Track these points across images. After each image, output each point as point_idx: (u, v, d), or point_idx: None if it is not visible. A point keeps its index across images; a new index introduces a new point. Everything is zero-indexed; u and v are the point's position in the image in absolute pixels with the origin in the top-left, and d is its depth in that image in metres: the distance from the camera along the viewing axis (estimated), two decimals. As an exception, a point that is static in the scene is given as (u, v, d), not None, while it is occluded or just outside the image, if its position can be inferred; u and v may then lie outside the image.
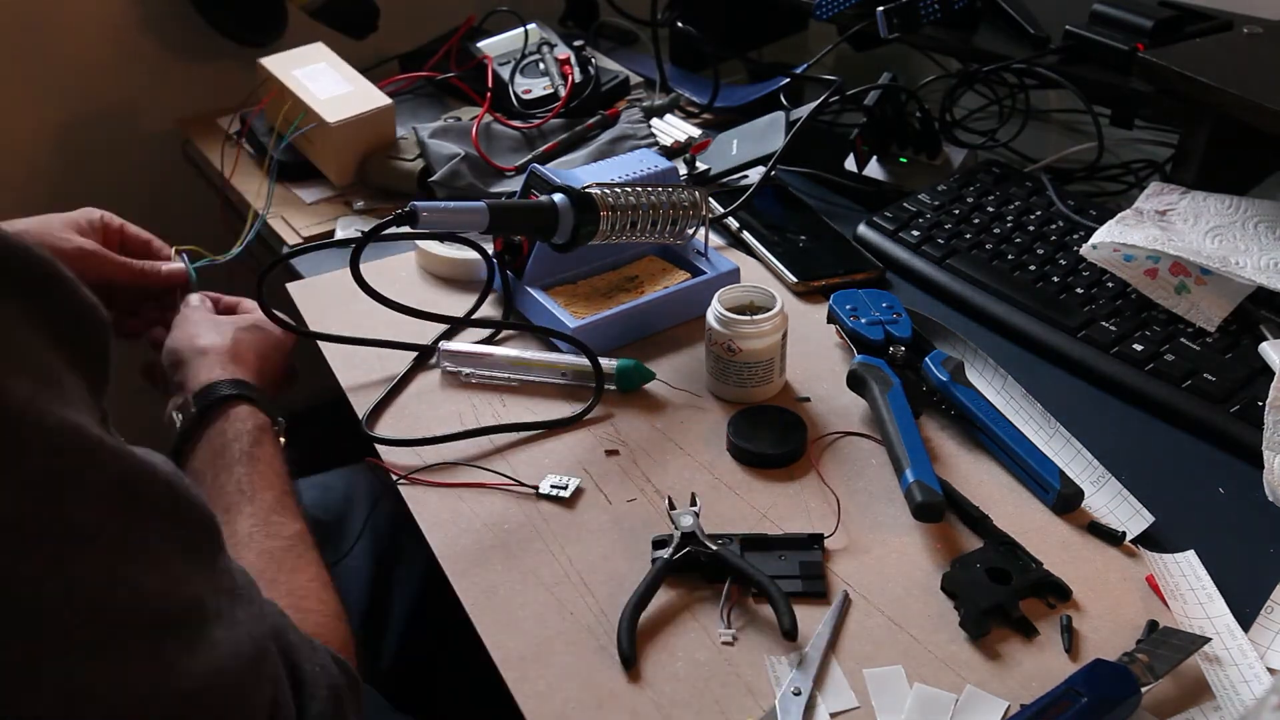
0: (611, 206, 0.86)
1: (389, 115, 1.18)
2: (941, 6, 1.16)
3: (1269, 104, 0.89)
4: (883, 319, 0.87)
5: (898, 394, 0.80)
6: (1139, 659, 0.61)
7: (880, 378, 0.82)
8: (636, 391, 0.87)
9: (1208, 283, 0.87)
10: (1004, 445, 0.78)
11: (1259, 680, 0.61)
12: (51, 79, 1.35)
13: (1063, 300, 0.92)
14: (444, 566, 0.72)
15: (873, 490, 0.77)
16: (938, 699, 0.62)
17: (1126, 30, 1.08)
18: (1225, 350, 0.85)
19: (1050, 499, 0.75)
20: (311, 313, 0.99)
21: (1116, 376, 0.86)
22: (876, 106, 1.14)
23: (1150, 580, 0.69)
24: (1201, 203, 0.93)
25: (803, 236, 1.06)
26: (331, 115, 1.13)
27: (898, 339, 0.86)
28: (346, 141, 1.15)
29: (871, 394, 0.81)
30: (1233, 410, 0.80)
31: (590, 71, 1.29)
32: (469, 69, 1.32)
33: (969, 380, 0.84)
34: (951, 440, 0.82)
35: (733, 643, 0.66)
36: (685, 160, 1.17)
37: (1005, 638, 0.66)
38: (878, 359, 0.84)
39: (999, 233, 1.01)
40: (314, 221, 1.14)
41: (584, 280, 0.97)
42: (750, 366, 0.84)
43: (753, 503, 0.76)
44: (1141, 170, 1.16)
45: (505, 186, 1.15)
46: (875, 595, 0.69)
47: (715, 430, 0.83)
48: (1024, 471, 0.77)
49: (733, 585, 0.69)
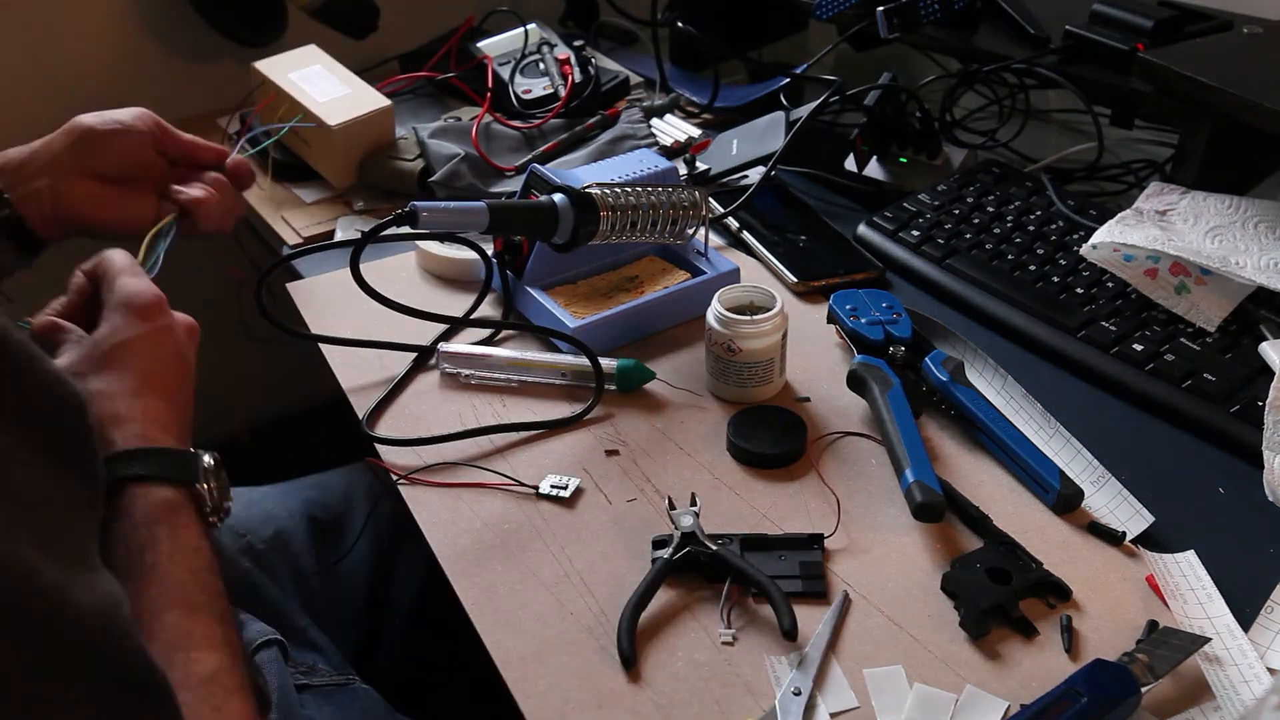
0: (611, 206, 0.86)
1: (388, 116, 1.18)
2: (941, 6, 1.16)
3: (1269, 104, 0.89)
4: (883, 319, 0.87)
5: (898, 394, 0.80)
6: (1139, 659, 0.61)
7: (880, 378, 0.82)
8: (636, 391, 0.87)
9: (1208, 283, 0.87)
10: (1004, 445, 0.78)
11: (1259, 680, 0.61)
12: (52, 78, 1.35)
13: (1063, 300, 0.92)
14: (444, 566, 0.72)
15: (872, 490, 0.77)
16: (938, 699, 0.62)
17: (1126, 30, 1.08)
18: (1225, 350, 0.85)
19: (1050, 499, 0.75)
20: (311, 313, 0.99)
21: (1116, 376, 0.86)
22: (876, 106, 1.14)
23: (1150, 580, 0.69)
24: (1201, 203, 0.93)
25: (803, 236, 1.06)
26: (332, 118, 1.13)
27: (898, 339, 0.86)
28: (347, 143, 1.15)
29: (871, 394, 0.81)
30: (1233, 410, 0.80)
31: (590, 71, 1.29)
32: (469, 69, 1.32)
33: (969, 380, 0.84)
34: (951, 440, 0.82)
35: (733, 643, 0.66)
36: (685, 160, 1.17)
37: (1005, 638, 0.66)
38: (878, 359, 0.84)
39: (999, 233, 1.01)
40: (314, 221, 1.14)
41: (584, 280, 0.97)
42: (750, 366, 0.84)
43: (753, 503, 0.76)
44: (1141, 170, 1.16)
45: (505, 186, 1.15)
46: (875, 595, 0.69)
47: (715, 430, 0.83)
48: (1024, 472, 0.77)
49: (733, 585, 0.69)
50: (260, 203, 1.17)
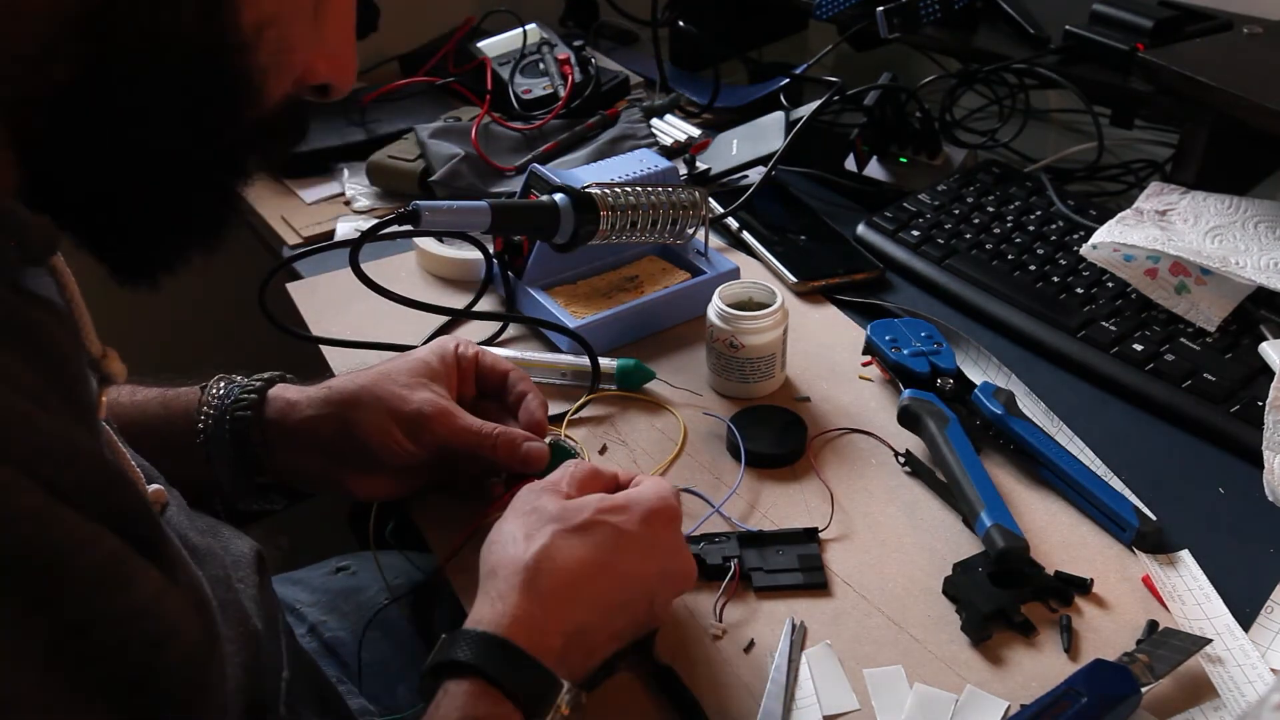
0: (612, 206, 0.86)
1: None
2: (941, 6, 1.16)
3: (1269, 104, 0.89)
4: (925, 350, 0.83)
5: (957, 430, 0.76)
6: (1139, 659, 0.61)
7: (935, 413, 0.77)
8: (636, 391, 0.87)
9: (1208, 283, 0.87)
10: (1071, 481, 0.74)
11: (1264, 680, 0.61)
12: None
13: (1063, 300, 0.92)
14: (445, 567, 0.72)
15: (872, 490, 0.77)
16: (938, 699, 0.62)
17: (1126, 30, 1.08)
18: (1225, 350, 0.85)
19: (1128, 537, 0.71)
20: (311, 313, 0.98)
21: (1116, 376, 0.86)
22: (876, 106, 1.14)
23: (1146, 581, 0.69)
24: (1201, 203, 0.93)
25: (803, 237, 1.06)
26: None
27: (944, 370, 0.82)
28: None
29: (929, 431, 0.77)
30: (1233, 410, 0.80)
31: (590, 71, 1.29)
32: (468, 70, 1.32)
33: (1022, 411, 0.79)
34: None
35: (721, 636, 0.66)
36: (685, 160, 1.17)
37: (1005, 638, 0.66)
38: (928, 393, 0.79)
39: (999, 233, 1.01)
40: (314, 221, 1.14)
41: (584, 280, 0.97)
42: (752, 362, 0.84)
43: (753, 501, 0.76)
44: (1141, 170, 1.16)
45: (505, 186, 1.15)
46: (875, 595, 0.69)
47: (715, 430, 0.83)
48: (1095, 509, 0.73)
49: (730, 582, 0.69)
50: (260, 202, 1.17)
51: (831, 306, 0.98)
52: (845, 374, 0.88)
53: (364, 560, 0.94)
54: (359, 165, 1.20)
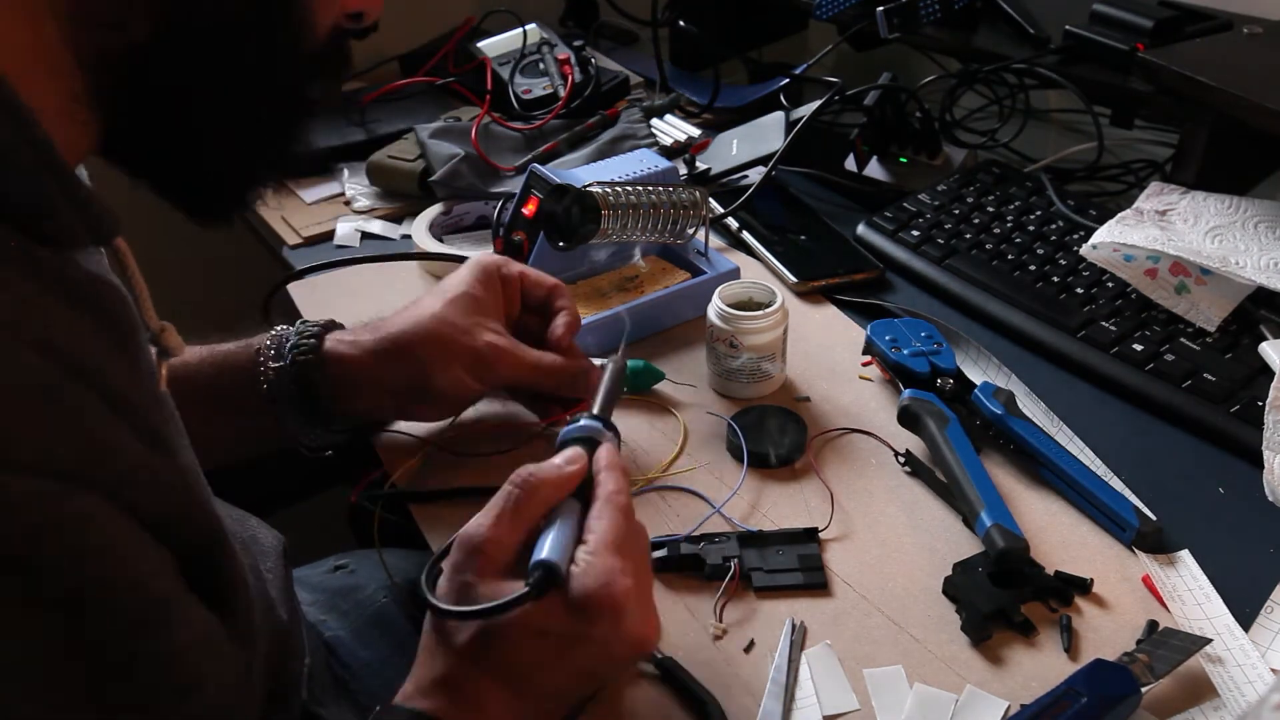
0: (612, 206, 0.86)
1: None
2: (941, 6, 1.16)
3: (1269, 104, 0.89)
4: (925, 350, 0.83)
5: (957, 430, 0.76)
6: (1139, 659, 0.61)
7: (935, 413, 0.78)
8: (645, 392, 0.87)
9: (1208, 283, 0.87)
10: (1071, 481, 0.74)
11: (1263, 680, 0.61)
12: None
13: (1063, 300, 0.92)
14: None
15: (872, 489, 0.77)
16: (938, 699, 0.62)
17: (1126, 30, 1.08)
18: (1225, 350, 0.85)
19: (1128, 537, 0.71)
20: (311, 311, 0.98)
21: (1116, 376, 0.86)
22: (876, 106, 1.14)
23: (1146, 581, 0.69)
24: (1201, 203, 0.93)
25: (803, 237, 1.06)
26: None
27: (944, 370, 0.82)
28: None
29: (929, 431, 0.77)
30: (1233, 410, 0.80)
31: (590, 71, 1.29)
32: (469, 69, 1.32)
33: (1022, 411, 0.79)
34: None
35: (721, 636, 0.66)
36: (685, 160, 1.17)
37: (1005, 638, 0.66)
38: (928, 393, 0.80)
39: (999, 233, 1.01)
40: (314, 221, 1.14)
41: (584, 280, 0.97)
42: (753, 362, 0.84)
43: (753, 501, 0.76)
44: (1141, 170, 1.16)
45: (505, 186, 1.15)
46: (875, 595, 0.69)
47: (715, 430, 0.83)
48: (1095, 509, 0.73)
49: (730, 582, 0.69)
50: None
51: (831, 306, 0.98)
52: (845, 374, 0.88)
53: (362, 559, 0.94)
54: (359, 165, 1.20)
